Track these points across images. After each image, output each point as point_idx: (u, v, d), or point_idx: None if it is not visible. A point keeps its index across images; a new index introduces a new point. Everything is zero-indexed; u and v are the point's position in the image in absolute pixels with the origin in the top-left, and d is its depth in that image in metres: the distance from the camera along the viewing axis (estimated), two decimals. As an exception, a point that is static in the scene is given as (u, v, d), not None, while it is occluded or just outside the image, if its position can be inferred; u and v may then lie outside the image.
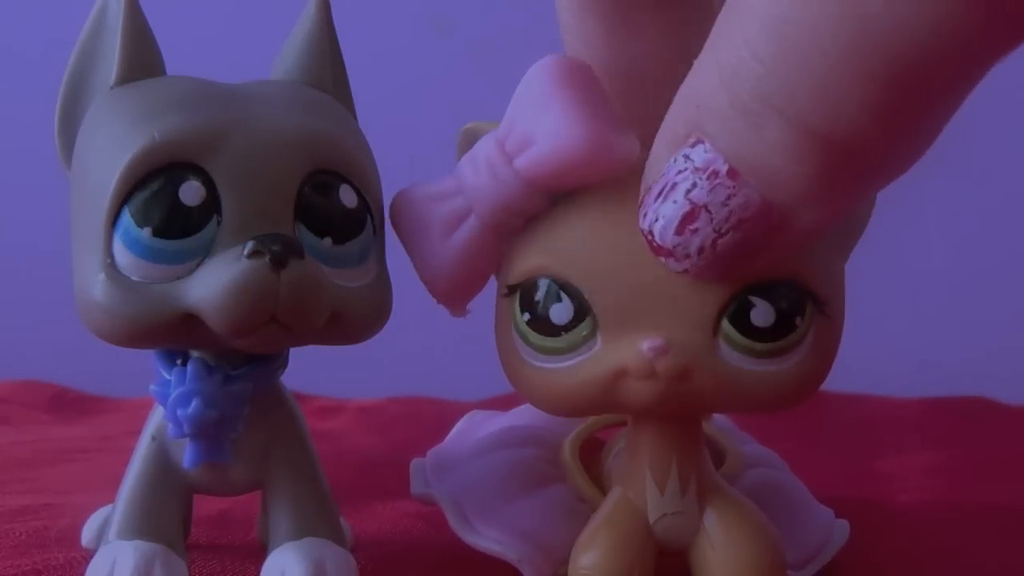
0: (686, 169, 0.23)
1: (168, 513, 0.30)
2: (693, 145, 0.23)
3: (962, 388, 0.66)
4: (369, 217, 0.29)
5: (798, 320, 0.26)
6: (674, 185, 0.23)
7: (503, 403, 0.37)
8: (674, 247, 0.24)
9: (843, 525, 0.34)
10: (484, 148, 0.27)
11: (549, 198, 0.26)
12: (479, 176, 0.27)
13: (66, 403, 0.67)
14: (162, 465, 0.30)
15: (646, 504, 0.28)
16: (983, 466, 0.51)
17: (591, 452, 0.33)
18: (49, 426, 0.61)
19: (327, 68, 0.31)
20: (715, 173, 0.23)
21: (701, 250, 0.24)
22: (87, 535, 0.34)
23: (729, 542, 0.27)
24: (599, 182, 0.26)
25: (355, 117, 0.32)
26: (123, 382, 0.57)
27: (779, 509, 0.29)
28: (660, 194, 0.24)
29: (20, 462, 0.50)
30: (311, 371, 0.38)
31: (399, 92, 0.78)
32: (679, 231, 0.24)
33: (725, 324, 0.25)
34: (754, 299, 0.25)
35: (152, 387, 0.29)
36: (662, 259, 0.24)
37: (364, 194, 0.29)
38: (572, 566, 0.28)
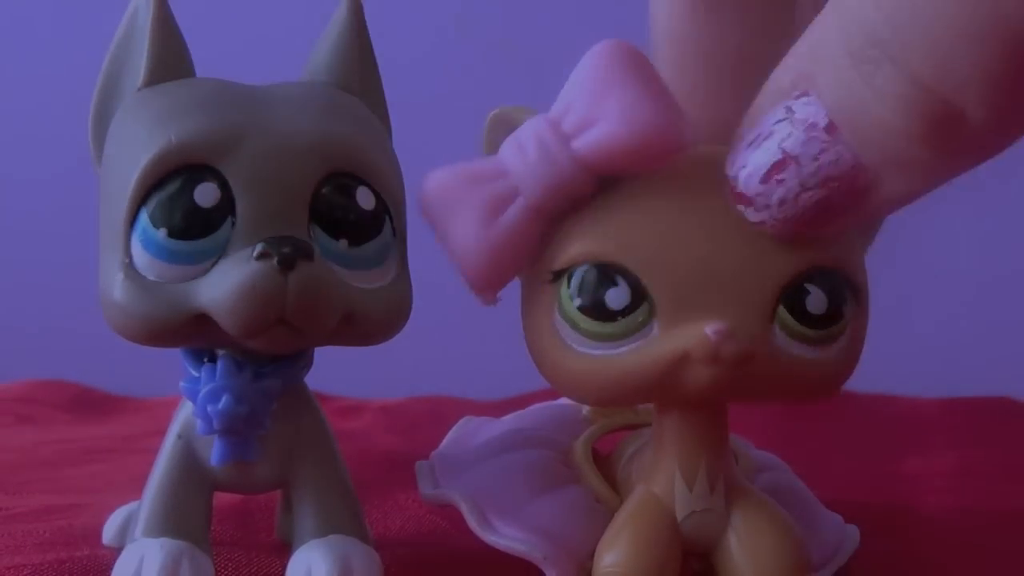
0: (785, 119, 0.23)
1: (194, 511, 0.30)
2: (797, 97, 0.23)
3: (986, 388, 0.66)
4: (388, 219, 0.29)
5: (845, 308, 0.26)
6: (770, 134, 0.24)
7: (526, 402, 0.37)
8: (756, 196, 0.24)
9: (853, 530, 0.34)
10: (535, 128, 0.26)
11: (598, 181, 0.26)
12: (527, 158, 0.26)
13: (89, 403, 0.67)
14: (188, 463, 0.30)
15: (673, 501, 0.28)
16: (1008, 468, 0.50)
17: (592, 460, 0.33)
18: (72, 426, 0.61)
19: (354, 70, 0.31)
20: (813, 125, 0.23)
21: (783, 202, 0.24)
22: (108, 533, 0.35)
23: (758, 541, 0.27)
24: (653, 166, 0.26)
25: (386, 118, 0.32)
26: (145, 382, 0.58)
27: (794, 513, 0.29)
28: (753, 142, 0.24)
29: (44, 462, 0.50)
30: (333, 371, 0.38)
31: (420, 92, 0.78)
32: (765, 179, 0.24)
33: (781, 310, 0.26)
34: (809, 287, 0.26)
35: (181, 384, 0.29)
36: (741, 207, 0.25)
37: (383, 196, 0.29)
38: (597, 564, 0.28)
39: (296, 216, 0.28)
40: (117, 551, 0.30)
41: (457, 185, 0.27)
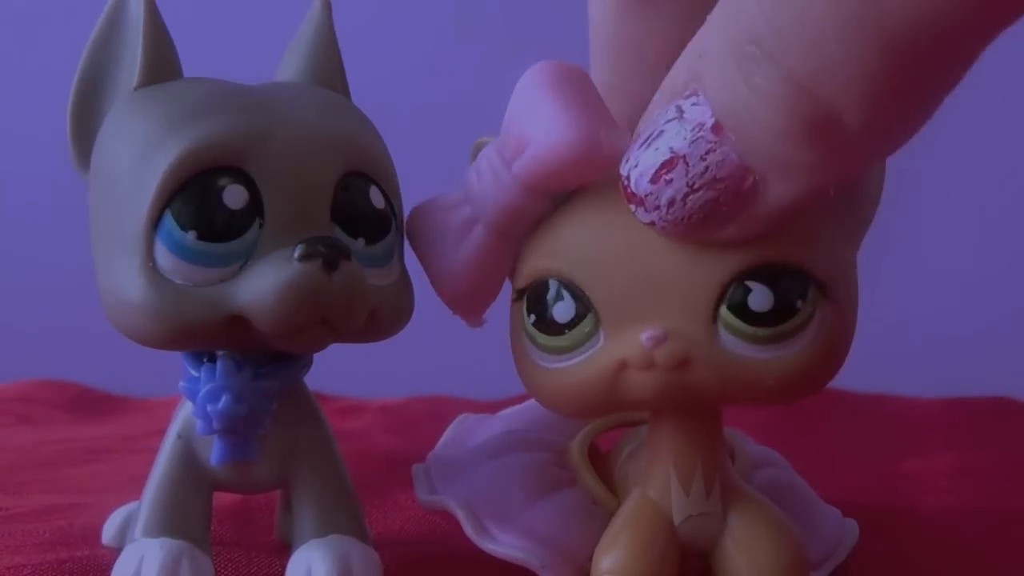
0: (674, 119, 0.23)
1: (194, 511, 0.30)
2: (687, 97, 0.23)
3: (986, 388, 0.66)
4: (393, 218, 0.29)
5: (799, 303, 0.25)
6: (660, 133, 0.24)
7: (522, 403, 0.37)
8: (646, 195, 0.24)
9: (851, 524, 0.34)
10: (486, 156, 0.27)
11: (550, 201, 0.27)
12: (482, 184, 0.27)
13: (88, 403, 0.67)
14: (188, 463, 0.30)
15: (669, 505, 0.28)
16: (1008, 468, 0.50)
17: (591, 457, 0.33)
18: (71, 426, 0.61)
19: (337, 69, 0.31)
20: (700, 125, 0.23)
21: (671, 203, 0.24)
22: (108, 533, 0.35)
23: (755, 544, 0.27)
24: (596, 180, 0.26)
25: None
26: (145, 382, 0.58)
27: (793, 509, 0.29)
28: (645, 141, 0.24)
29: (43, 462, 0.50)
30: (333, 371, 0.38)
31: (418, 90, 0.78)
32: (654, 179, 0.24)
33: (723, 311, 0.25)
34: (751, 284, 0.25)
35: (181, 384, 0.29)
36: (632, 207, 0.25)
37: (389, 196, 0.29)
38: (595, 568, 0.28)
39: (320, 216, 0.28)
40: (117, 551, 0.30)
41: (430, 215, 0.28)
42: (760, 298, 0.25)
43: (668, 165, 0.24)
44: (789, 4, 0.20)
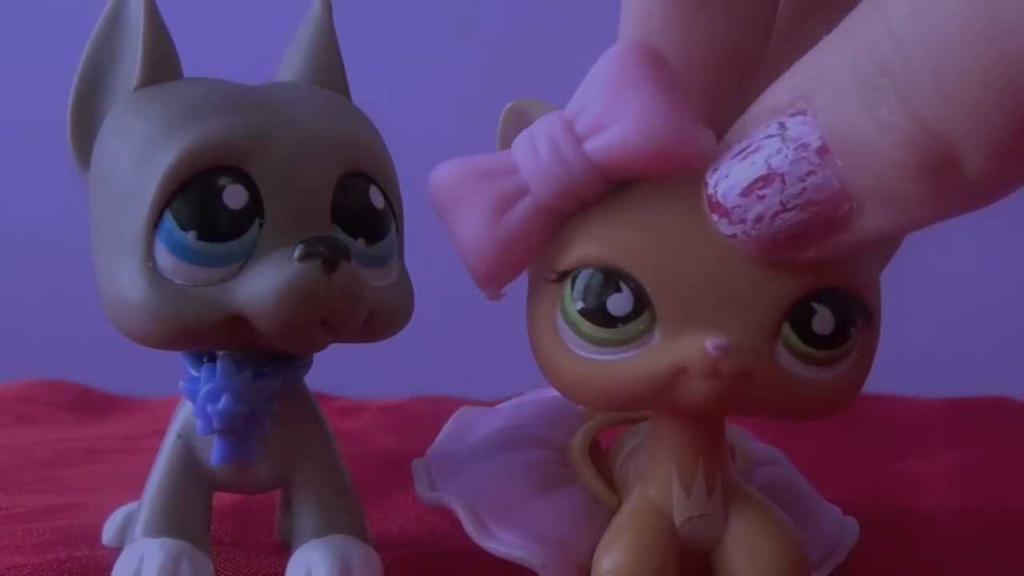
0: (776, 136, 0.23)
1: (194, 511, 0.30)
2: (793, 115, 0.23)
3: (986, 388, 0.65)
4: (393, 218, 0.29)
5: (852, 330, 0.26)
6: (758, 148, 0.23)
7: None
8: (732, 207, 0.24)
9: (851, 522, 0.34)
10: (548, 127, 0.26)
11: (609, 184, 0.26)
12: (539, 156, 0.25)
13: (89, 403, 0.67)
14: (188, 463, 0.30)
15: (670, 505, 0.28)
16: (1008, 468, 0.50)
17: (591, 454, 0.33)
18: (72, 426, 0.61)
19: (337, 69, 0.31)
20: (804, 146, 0.22)
21: (759, 219, 0.23)
22: (108, 533, 0.35)
23: (756, 545, 0.27)
24: (666, 173, 0.25)
25: None
26: (145, 382, 0.58)
27: (793, 508, 0.29)
28: (739, 153, 0.24)
29: (43, 462, 0.50)
30: (333, 371, 0.38)
31: (418, 90, 0.78)
32: (745, 193, 0.23)
33: (786, 328, 0.25)
34: (816, 306, 0.25)
35: (181, 384, 0.29)
36: (714, 217, 0.24)
37: (389, 195, 0.29)
38: (596, 569, 0.27)
39: (320, 216, 0.28)
40: (117, 551, 0.30)
41: (466, 178, 0.26)
42: (823, 320, 0.25)
43: (763, 181, 0.23)
44: (922, 44, 0.20)
